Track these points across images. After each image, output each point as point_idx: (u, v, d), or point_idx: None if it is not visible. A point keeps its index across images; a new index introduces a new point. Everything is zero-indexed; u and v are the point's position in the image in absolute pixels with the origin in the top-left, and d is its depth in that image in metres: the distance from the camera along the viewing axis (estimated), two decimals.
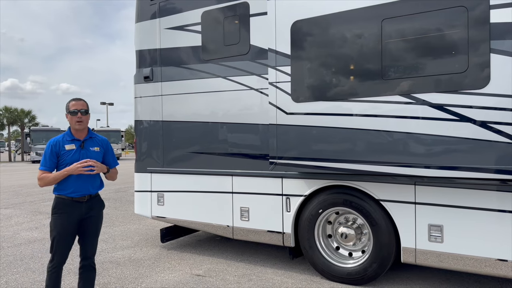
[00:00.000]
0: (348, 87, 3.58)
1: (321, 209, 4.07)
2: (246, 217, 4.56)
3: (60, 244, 3.14)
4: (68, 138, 3.14)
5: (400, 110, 3.32)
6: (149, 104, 5.39)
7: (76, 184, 3.08)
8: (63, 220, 3.10)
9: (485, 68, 3.04)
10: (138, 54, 5.53)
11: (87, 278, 3.32)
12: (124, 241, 5.85)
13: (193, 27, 4.95)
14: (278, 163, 3.91)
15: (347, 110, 3.55)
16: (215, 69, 4.76)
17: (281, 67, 3.87)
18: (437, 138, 3.19)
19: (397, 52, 3.35)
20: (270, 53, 3.94)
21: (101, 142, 3.30)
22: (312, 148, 3.73)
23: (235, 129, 4.63)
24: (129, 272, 4.44)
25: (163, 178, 5.26)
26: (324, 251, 4.14)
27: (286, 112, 3.84)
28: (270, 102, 3.96)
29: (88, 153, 3.16)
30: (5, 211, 8.65)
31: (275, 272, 4.35)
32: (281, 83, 3.87)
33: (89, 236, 3.26)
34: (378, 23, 3.38)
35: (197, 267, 4.59)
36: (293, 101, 3.81)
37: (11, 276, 4.37)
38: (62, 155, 3.09)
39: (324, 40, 3.69)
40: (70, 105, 3.13)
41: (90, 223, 3.23)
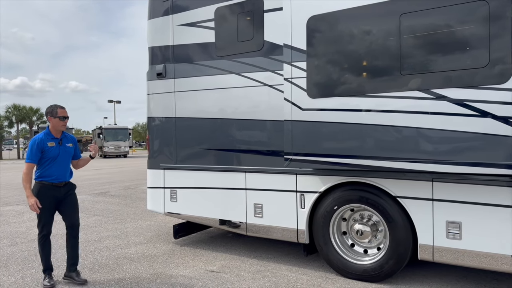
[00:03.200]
0: (365, 83, 3.54)
1: (336, 205, 4.05)
2: (260, 213, 4.55)
3: (45, 219, 3.96)
4: (49, 137, 3.96)
5: (419, 105, 3.28)
6: (162, 101, 5.39)
7: (57, 172, 3.95)
8: (46, 200, 3.89)
9: (506, 63, 3.00)
10: (150, 51, 5.54)
11: (73, 242, 4.12)
12: (137, 237, 5.88)
13: (206, 24, 4.94)
14: (294, 160, 3.89)
15: (365, 106, 3.51)
16: (229, 66, 4.75)
17: (296, 63, 3.85)
18: (456, 134, 3.15)
19: (416, 47, 3.31)
20: (286, 48, 3.92)
21: (72, 139, 4.18)
22: (328, 144, 3.71)
23: (248, 126, 4.61)
24: (143, 268, 4.46)
25: (176, 174, 5.27)
26: (339, 248, 4.12)
27: (302, 108, 3.82)
28: (285, 98, 3.94)
29: (66, 148, 4.05)
30: (17, 208, 8.75)
31: (289, 269, 4.34)
32: (297, 79, 3.85)
33: (69, 211, 4.08)
34: (396, 18, 3.34)
35: (211, 263, 4.60)
36: (308, 97, 3.79)
37: (27, 272, 4.41)
38: (46, 151, 3.90)
39: (340, 35, 3.66)
40: (58, 111, 3.96)
41: (68, 202, 4.07)
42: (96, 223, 6.93)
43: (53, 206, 3.96)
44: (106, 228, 6.56)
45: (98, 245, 5.46)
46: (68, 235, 4.09)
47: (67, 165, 4.07)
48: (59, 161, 3.97)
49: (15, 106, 43.06)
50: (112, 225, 6.79)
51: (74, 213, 4.09)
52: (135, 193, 10.93)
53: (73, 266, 4.09)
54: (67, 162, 4.06)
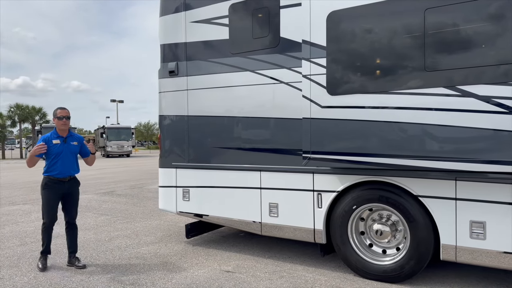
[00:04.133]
0: (388, 79, 3.47)
1: (355, 205, 3.98)
2: (275, 213, 4.49)
3: (48, 210, 4.37)
4: (55, 135, 4.42)
5: (444, 102, 3.21)
6: (174, 99, 5.33)
7: (61, 168, 4.35)
8: (51, 194, 4.36)
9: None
10: (162, 48, 5.47)
11: (72, 234, 4.57)
12: (148, 237, 5.82)
13: (220, 20, 4.87)
14: (312, 158, 3.82)
15: (387, 103, 3.44)
16: (243, 63, 4.68)
17: (316, 59, 3.78)
18: (483, 132, 3.08)
19: (441, 43, 3.23)
20: (304, 45, 3.85)
21: (78, 138, 4.60)
22: (349, 142, 3.63)
23: (263, 124, 4.54)
24: (157, 268, 4.39)
25: (188, 173, 5.20)
26: (358, 248, 4.04)
27: (321, 105, 3.75)
28: (303, 95, 3.87)
29: (69, 146, 4.45)
30: (24, 207, 8.70)
31: (305, 269, 4.27)
32: (316, 76, 3.78)
33: (71, 205, 4.52)
34: (420, 13, 3.26)
35: (225, 263, 4.53)
36: (328, 94, 3.71)
37: (39, 272, 4.34)
38: (50, 147, 4.33)
39: (362, 30, 3.59)
40: (57, 112, 4.40)
41: (71, 197, 4.50)
42: (105, 223, 6.87)
43: (58, 199, 4.41)
44: (115, 227, 6.50)
45: (109, 245, 5.40)
46: (67, 228, 4.57)
47: (72, 161, 4.47)
48: (63, 157, 4.39)
49: (18, 106, 43.09)
50: (122, 224, 6.73)
51: (74, 209, 4.56)
52: (142, 193, 10.87)
53: (73, 254, 4.56)
54: (71, 159, 4.46)
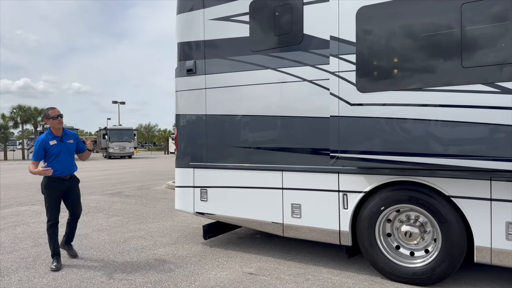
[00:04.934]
0: (422, 76, 3.37)
1: (384, 206, 3.87)
2: (298, 214, 4.38)
3: (53, 209, 4.46)
4: (50, 136, 4.45)
5: (481, 100, 3.11)
6: (192, 97, 5.23)
7: (61, 167, 4.44)
8: (53, 193, 4.44)
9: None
10: (179, 46, 5.38)
11: (72, 227, 4.75)
12: (163, 238, 5.72)
13: (240, 18, 4.78)
14: (341, 157, 3.72)
15: (421, 100, 3.34)
16: (264, 61, 4.59)
17: (344, 56, 3.68)
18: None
19: (479, 38, 3.14)
20: (333, 41, 3.76)
21: (73, 136, 4.64)
22: (380, 141, 3.53)
23: (286, 123, 4.45)
24: (178, 270, 4.29)
25: (206, 173, 5.11)
26: (386, 250, 3.94)
27: (350, 103, 3.65)
28: (331, 93, 3.77)
29: (67, 144, 4.52)
30: (32, 208, 8.60)
31: (330, 272, 4.17)
32: (345, 73, 3.68)
33: (75, 202, 4.66)
34: (457, 8, 3.17)
35: (247, 265, 4.43)
36: (358, 91, 3.62)
37: (57, 273, 4.24)
38: (48, 149, 4.38)
39: (394, 26, 3.49)
40: (50, 113, 4.42)
41: (72, 194, 4.62)
42: (117, 224, 6.77)
43: (59, 197, 4.50)
44: (128, 228, 6.40)
45: (125, 246, 5.30)
46: (69, 222, 4.72)
47: (70, 159, 4.57)
48: (62, 157, 4.48)
49: (20, 107, 43.01)
50: (134, 225, 6.63)
51: (77, 206, 4.71)
52: (150, 193, 10.77)
53: (68, 242, 4.81)
54: (69, 157, 4.56)
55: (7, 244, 5.49)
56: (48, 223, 4.46)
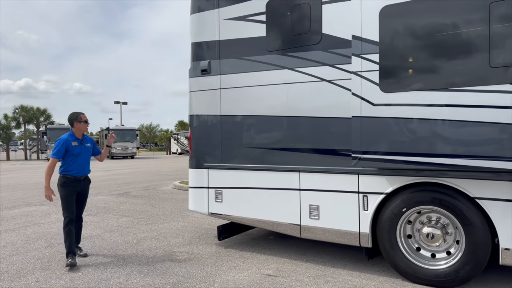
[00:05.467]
0: (448, 76, 3.33)
1: (405, 207, 3.83)
2: (316, 215, 4.34)
3: (69, 207, 4.67)
4: (73, 138, 4.77)
5: (509, 100, 3.07)
6: (206, 98, 5.20)
7: (78, 167, 4.73)
8: (70, 191, 4.67)
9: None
10: (194, 46, 5.35)
11: (77, 226, 4.85)
12: (176, 239, 5.68)
13: (256, 17, 4.75)
14: (363, 158, 3.68)
15: (448, 101, 3.30)
16: (281, 61, 4.55)
17: (367, 55, 3.64)
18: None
19: (508, 37, 3.09)
20: (355, 40, 3.72)
21: (90, 140, 5.00)
22: (403, 142, 3.49)
23: (303, 123, 4.41)
24: (195, 271, 4.25)
25: (221, 174, 5.07)
26: (407, 252, 3.89)
27: (373, 103, 3.61)
28: (353, 93, 3.73)
29: (86, 147, 4.85)
30: (41, 208, 8.57)
31: (349, 274, 4.12)
32: (367, 72, 3.64)
33: (82, 201, 4.92)
34: (485, 6, 3.13)
35: (264, 266, 4.38)
36: (381, 91, 3.58)
37: (74, 274, 4.20)
38: (70, 149, 4.68)
39: (419, 25, 3.45)
40: (82, 116, 4.84)
41: (84, 194, 4.92)
42: (128, 224, 6.73)
43: (75, 196, 4.72)
44: (140, 229, 6.36)
45: (139, 247, 5.26)
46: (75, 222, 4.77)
47: (87, 161, 4.87)
48: (81, 158, 4.75)
49: (22, 107, 43.08)
50: (145, 226, 6.59)
51: (83, 205, 4.95)
52: (157, 194, 10.74)
53: (76, 243, 4.86)
54: (87, 159, 4.86)
55: (20, 245, 5.46)
56: (65, 220, 4.63)
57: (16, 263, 4.61)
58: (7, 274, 4.24)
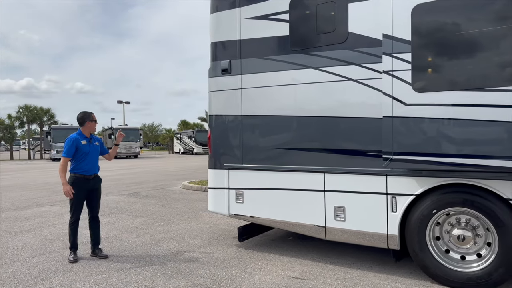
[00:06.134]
0: (483, 75, 3.27)
1: (435, 209, 3.77)
2: (342, 217, 4.29)
3: (77, 206, 4.75)
4: (81, 136, 4.82)
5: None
6: (227, 98, 5.14)
7: (88, 166, 4.77)
8: (79, 191, 4.70)
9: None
10: (213, 46, 5.29)
11: (96, 227, 4.96)
12: (194, 240, 5.63)
13: (279, 16, 4.69)
14: (395, 159, 3.63)
15: (482, 101, 3.24)
16: (305, 60, 4.49)
17: (399, 54, 3.59)
18: None
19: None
20: (386, 39, 3.66)
21: (98, 139, 5.05)
22: (438, 142, 3.43)
23: (328, 123, 4.35)
24: (220, 273, 4.20)
25: (242, 174, 5.02)
26: (437, 254, 3.84)
27: (405, 103, 3.56)
28: (384, 93, 3.68)
29: (94, 146, 4.88)
30: (53, 208, 8.53)
31: (377, 276, 4.07)
32: (399, 72, 3.59)
33: (95, 201, 4.92)
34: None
35: (289, 268, 4.33)
36: (414, 91, 3.52)
37: (98, 277, 4.15)
38: (80, 147, 4.73)
39: (454, 23, 3.39)
40: (93, 116, 4.93)
41: (96, 193, 4.90)
42: (143, 225, 6.69)
43: (84, 195, 4.77)
44: (156, 230, 6.32)
45: (159, 248, 5.21)
46: (91, 223, 4.93)
47: (96, 160, 4.90)
48: (90, 156, 4.79)
49: (26, 107, 43.03)
50: (161, 226, 6.54)
51: (98, 205, 4.96)
52: (167, 194, 10.69)
53: (96, 245, 4.92)
54: (95, 158, 4.90)
55: (38, 246, 5.42)
56: (71, 219, 4.76)
57: (37, 265, 4.57)
58: (30, 276, 4.20)
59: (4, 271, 4.39)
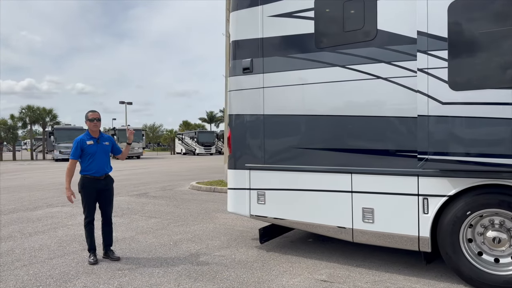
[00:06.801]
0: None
1: (470, 210, 3.67)
2: (370, 218, 4.19)
3: (89, 207, 4.66)
4: (88, 137, 4.70)
5: None
6: (248, 97, 5.05)
7: (97, 166, 4.65)
8: (90, 191, 4.63)
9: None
10: (234, 45, 5.20)
11: (108, 229, 4.84)
12: (213, 241, 5.54)
13: (304, 14, 4.60)
14: (430, 159, 3.53)
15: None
16: (331, 58, 4.40)
17: (434, 52, 3.49)
18: None
19: None
20: (420, 36, 3.56)
21: (108, 139, 4.89)
22: (477, 142, 3.33)
23: (355, 123, 4.25)
24: (245, 276, 4.10)
25: (264, 175, 4.92)
26: (471, 257, 3.74)
27: (442, 101, 3.46)
28: (419, 91, 3.58)
29: (102, 146, 4.74)
30: (64, 209, 8.44)
31: (407, 279, 3.97)
32: (435, 69, 3.49)
33: (107, 202, 4.80)
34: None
35: (315, 271, 4.23)
36: (451, 89, 3.43)
37: (121, 279, 4.06)
38: (85, 148, 4.62)
39: (492, 19, 3.30)
40: (88, 115, 4.72)
41: (107, 193, 4.78)
42: (158, 226, 6.60)
43: (95, 196, 4.68)
44: (173, 231, 6.22)
45: (178, 250, 5.12)
46: (103, 224, 4.81)
47: (105, 160, 4.77)
48: (98, 157, 4.67)
49: (29, 107, 43.02)
50: (177, 227, 6.45)
51: (109, 207, 4.81)
52: (177, 194, 10.61)
53: (108, 247, 4.81)
54: (105, 158, 4.76)
55: (55, 248, 5.33)
56: (85, 220, 4.69)
57: (57, 267, 4.47)
58: (52, 278, 4.11)
59: (25, 273, 4.30)
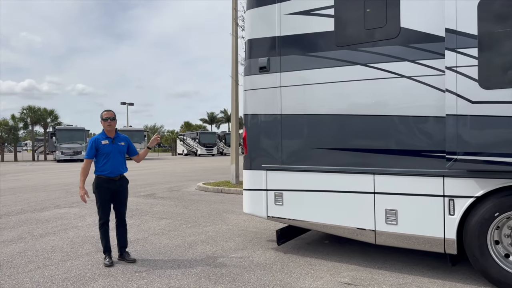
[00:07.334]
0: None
1: (498, 212, 3.59)
2: (394, 220, 4.10)
3: (104, 208, 4.59)
4: (103, 136, 4.63)
5: None
6: (265, 96, 4.97)
7: (111, 167, 4.56)
8: (104, 192, 4.55)
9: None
10: (250, 43, 5.13)
11: (122, 230, 4.74)
12: (228, 243, 5.45)
13: (323, 11, 4.52)
14: (459, 160, 3.45)
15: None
16: (352, 56, 4.32)
17: (463, 49, 3.41)
18: None
19: None
20: (449, 34, 3.49)
21: (124, 139, 4.80)
22: (509, 142, 3.25)
23: (379, 122, 4.17)
24: (266, 278, 4.02)
25: (282, 176, 4.84)
26: (499, 259, 3.66)
27: (471, 100, 3.38)
28: (447, 89, 3.50)
29: (118, 146, 4.65)
30: (72, 210, 8.36)
31: (432, 282, 3.89)
32: (464, 68, 3.41)
33: (122, 203, 4.72)
34: None
35: (337, 274, 4.15)
36: (481, 88, 3.35)
37: (140, 282, 3.97)
38: (100, 148, 4.55)
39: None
40: (103, 114, 4.64)
41: (121, 194, 4.68)
42: (170, 227, 6.51)
43: (110, 197, 4.60)
44: (185, 232, 6.14)
45: (194, 252, 5.03)
46: (117, 225, 4.71)
47: (121, 160, 4.65)
48: (112, 157, 4.57)
49: (30, 108, 42.87)
50: (189, 229, 6.37)
51: (123, 208, 4.74)
52: (184, 195, 10.52)
53: (123, 249, 4.72)
54: (120, 158, 4.65)
55: (68, 249, 5.24)
56: (100, 222, 4.63)
57: (72, 269, 4.39)
58: (68, 281, 4.02)
59: (40, 275, 4.22)
